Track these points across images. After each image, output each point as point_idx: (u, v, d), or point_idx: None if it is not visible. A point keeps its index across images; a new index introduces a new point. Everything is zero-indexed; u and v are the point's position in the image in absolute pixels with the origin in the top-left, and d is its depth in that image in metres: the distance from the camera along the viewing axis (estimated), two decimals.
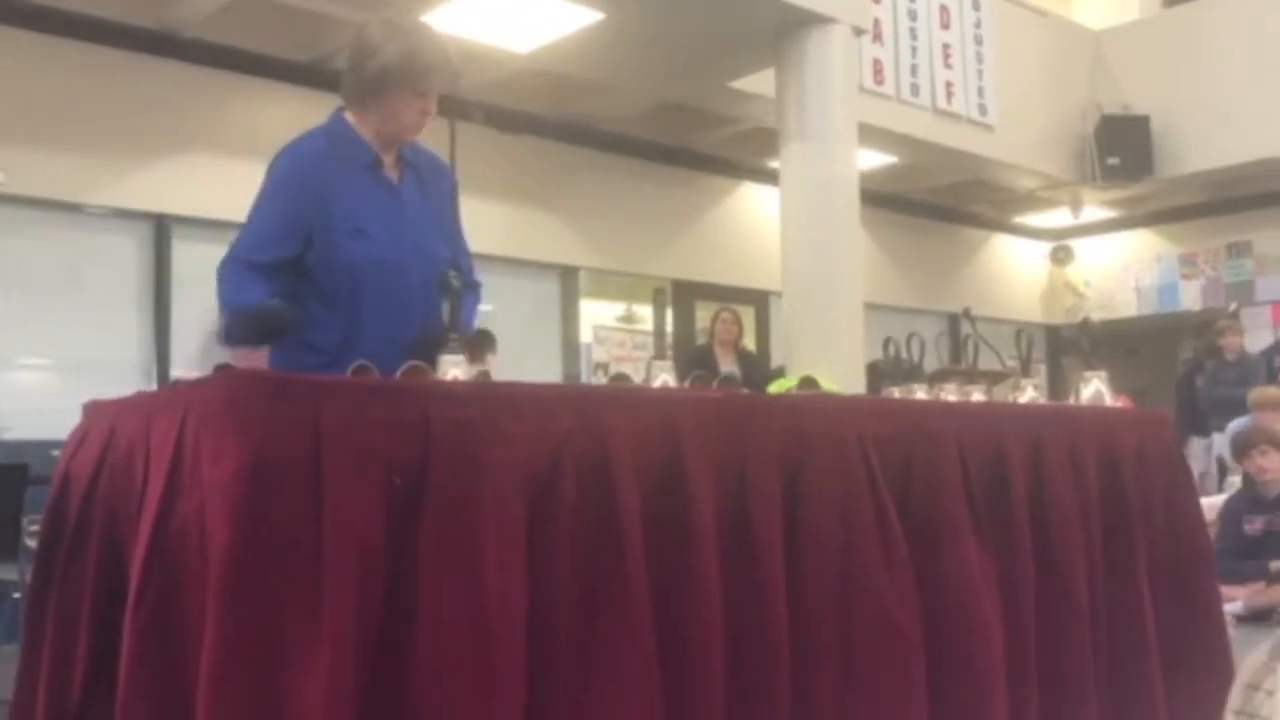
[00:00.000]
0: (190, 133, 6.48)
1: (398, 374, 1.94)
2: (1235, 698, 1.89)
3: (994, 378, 3.41)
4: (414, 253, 2.58)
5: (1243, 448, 5.43)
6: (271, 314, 2.45)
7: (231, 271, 2.56)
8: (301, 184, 2.56)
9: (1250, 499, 5.39)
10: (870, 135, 7.49)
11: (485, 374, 2.11)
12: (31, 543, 3.51)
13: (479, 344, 2.71)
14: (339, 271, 2.55)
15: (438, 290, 2.28)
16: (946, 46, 8.75)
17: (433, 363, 2.00)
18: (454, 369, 1.99)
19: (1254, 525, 5.25)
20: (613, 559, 1.88)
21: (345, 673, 1.63)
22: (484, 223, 5.07)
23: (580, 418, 1.93)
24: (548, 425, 1.89)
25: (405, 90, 2.59)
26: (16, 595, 4.28)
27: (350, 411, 1.71)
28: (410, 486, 1.73)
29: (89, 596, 1.97)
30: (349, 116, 2.67)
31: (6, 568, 4.29)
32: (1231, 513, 5.37)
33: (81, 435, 2.23)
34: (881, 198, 9.35)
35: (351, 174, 2.60)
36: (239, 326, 2.51)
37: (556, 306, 8.13)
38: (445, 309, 2.10)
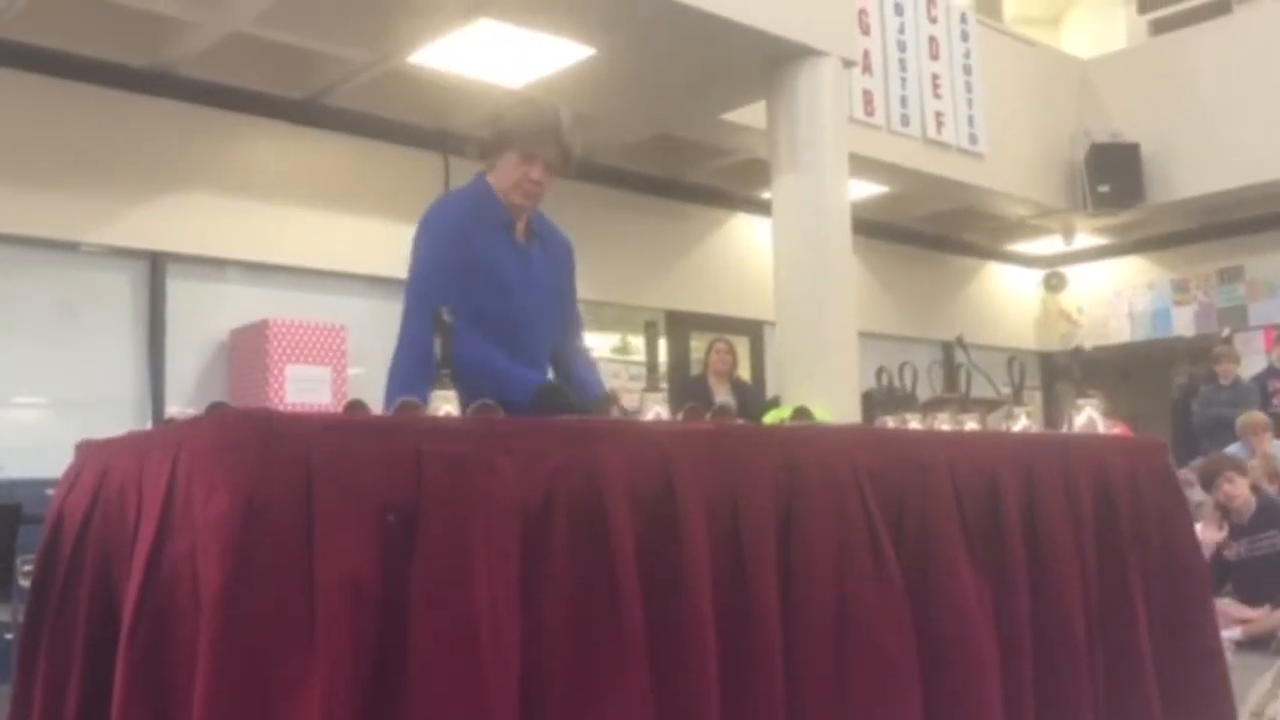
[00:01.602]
0: (184, 171, 6.50)
1: (390, 410, 1.94)
2: None
3: (987, 406, 3.42)
4: (539, 310, 2.85)
5: (1210, 478, 5.44)
6: (558, 394, 2.65)
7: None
8: (451, 241, 2.78)
9: (1229, 527, 5.40)
10: (861, 165, 7.54)
11: None
12: (25, 583, 3.50)
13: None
14: (482, 323, 2.70)
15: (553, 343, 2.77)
16: (936, 77, 8.82)
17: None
18: (446, 405, 1.99)
19: (1233, 550, 5.26)
20: (606, 592, 1.88)
21: (339, 710, 1.62)
22: None
23: (572, 451, 1.93)
24: (539, 459, 1.89)
25: (514, 152, 2.81)
26: (9, 636, 4.26)
27: (342, 449, 1.71)
28: (403, 523, 1.73)
29: (81, 636, 1.97)
30: (489, 179, 2.89)
31: (1, 608, 4.27)
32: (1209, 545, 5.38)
33: (74, 475, 2.23)
34: (873, 227, 9.39)
35: (490, 232, 2.83)
36: (539, 401, 2.61)
37: None
38: (437, 345, 2.10)
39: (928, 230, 10.64)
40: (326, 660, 1.61)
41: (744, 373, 8.36)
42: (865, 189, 8.51)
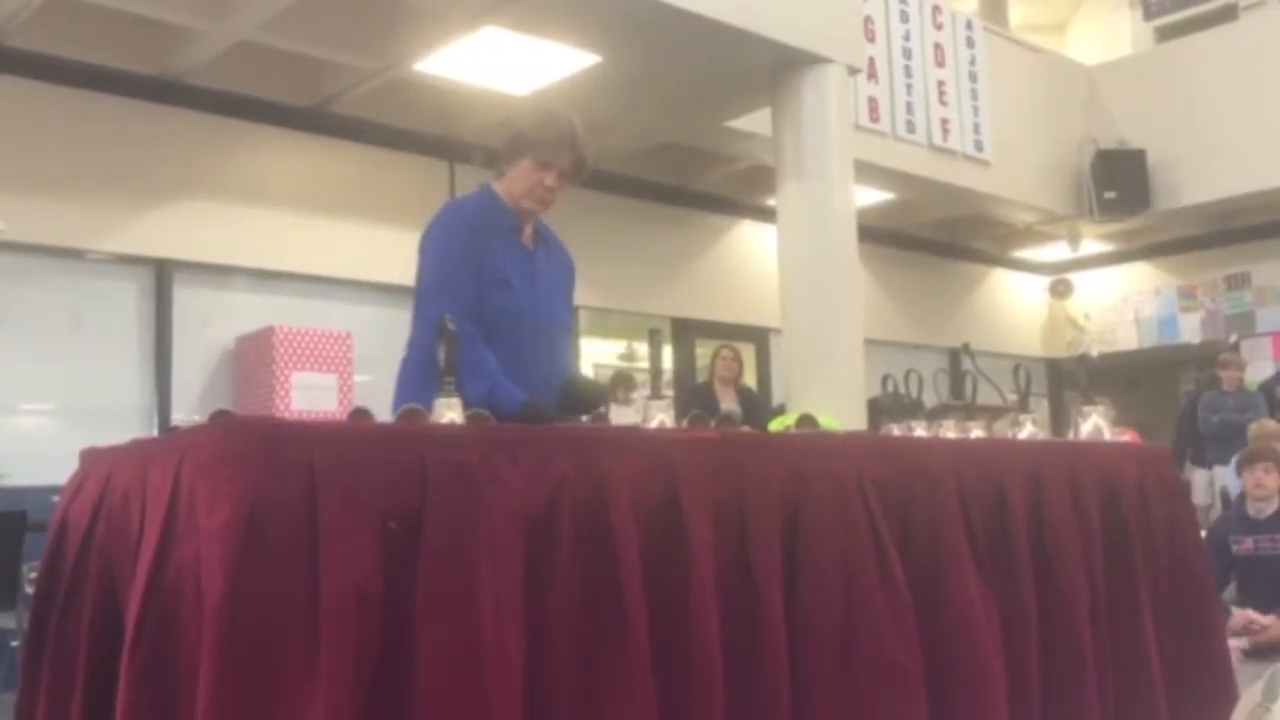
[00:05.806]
0: (192, 178, 6.51)
1: (394, 418, 1.94)
2: None
3: (994, 413, 3.41)
4: (540, 311, 2.87)
5: (1250, 459, 5.41)
6: (539, 413, 2.63)
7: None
8: (465, 244, 2.81)
9: (1239, 519, 5.36)
10: (867, 172, 7.53)
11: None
12: (31, 590, 3.50)
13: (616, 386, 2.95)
14: (490, 322, 2.76)
15: (558, 346, 2.82)
16: (941, 84, 8.81)
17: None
18: (450, 412, 1.99)
19: (1242, 545, 5.22)
20: (611, 600, 1.88)
21: (342, 718, 1.61)
22: None
23: (577, 459, 1.92)
24: (544, 468, 1.88)
25: (528, 158, 2.86)
26: (14, 644, 4.25)
27: (346, 457, 1.71)
28: (407, 531, 1.73)
29: (85, 644, 1.96)
30: (495, 186, 2.94)
31: (6, 616, 4.27)
32: (1217, 534, 5.33)
33: (79, 482, 2.23)
34: (879, 234, 9.38)
35: (496, 235, 2.87)
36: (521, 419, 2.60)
37: None
38: (441, 353, 2.10)
39: (933, 237, 10.63)
40: (330, 669, 1.60)
41: (749, 380, 8.35)
42: (871, 196, 8.50)
